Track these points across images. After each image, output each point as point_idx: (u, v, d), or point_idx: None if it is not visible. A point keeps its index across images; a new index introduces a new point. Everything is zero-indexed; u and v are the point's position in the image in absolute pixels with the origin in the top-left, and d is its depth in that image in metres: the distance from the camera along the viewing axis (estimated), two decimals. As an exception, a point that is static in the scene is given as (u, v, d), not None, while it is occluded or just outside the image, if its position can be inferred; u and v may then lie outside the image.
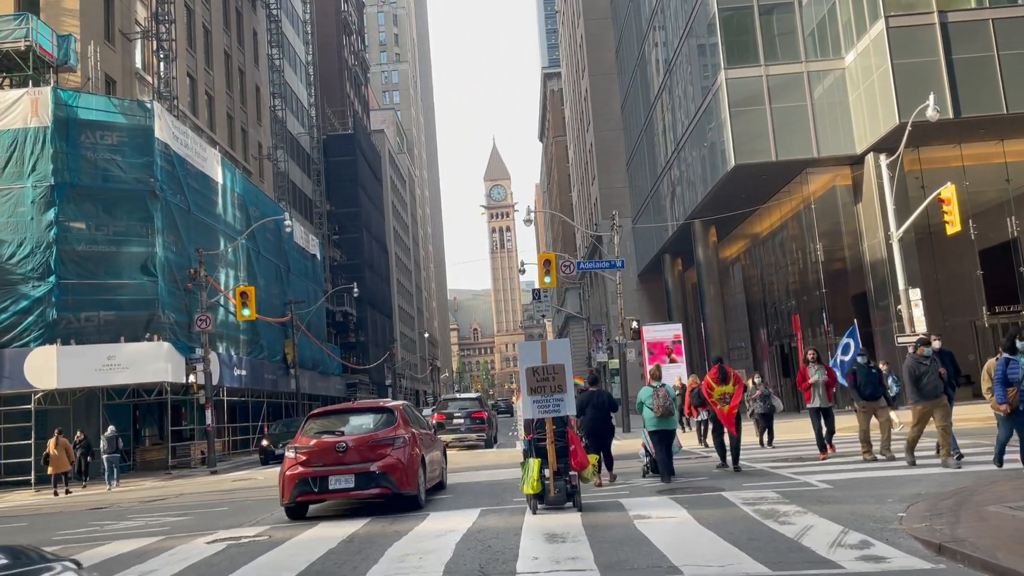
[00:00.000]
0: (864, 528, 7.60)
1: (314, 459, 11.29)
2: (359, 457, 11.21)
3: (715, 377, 13.53)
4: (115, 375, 26.69)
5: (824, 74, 33.03)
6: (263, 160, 51.06)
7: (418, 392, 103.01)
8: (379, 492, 11.17)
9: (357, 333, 69.42)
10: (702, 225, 40.99)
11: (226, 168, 35.74)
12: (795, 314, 37.40)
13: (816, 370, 14.60)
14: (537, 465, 9.86)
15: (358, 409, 13.33)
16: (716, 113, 34.31)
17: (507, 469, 16.36)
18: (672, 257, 49.97)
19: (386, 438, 11.50)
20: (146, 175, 28.45)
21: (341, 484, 11.16)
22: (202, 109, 41.51)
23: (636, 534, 8.05)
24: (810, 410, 14.51)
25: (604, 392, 13.31)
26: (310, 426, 12.12)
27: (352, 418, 12.49)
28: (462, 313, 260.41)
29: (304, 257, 48.52)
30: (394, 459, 11.27)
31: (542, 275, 29.15)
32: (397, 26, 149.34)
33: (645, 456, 13.54)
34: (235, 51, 47.77)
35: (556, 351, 10.44)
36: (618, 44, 58.82)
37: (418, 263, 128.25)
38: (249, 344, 37.05)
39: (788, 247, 38.77)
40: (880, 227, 31.30)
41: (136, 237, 28.16)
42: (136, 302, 27.81)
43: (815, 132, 32.59)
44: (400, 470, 11.22)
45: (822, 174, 34.05)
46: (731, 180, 34.09)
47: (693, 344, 48.49)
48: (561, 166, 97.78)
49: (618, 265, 29.45)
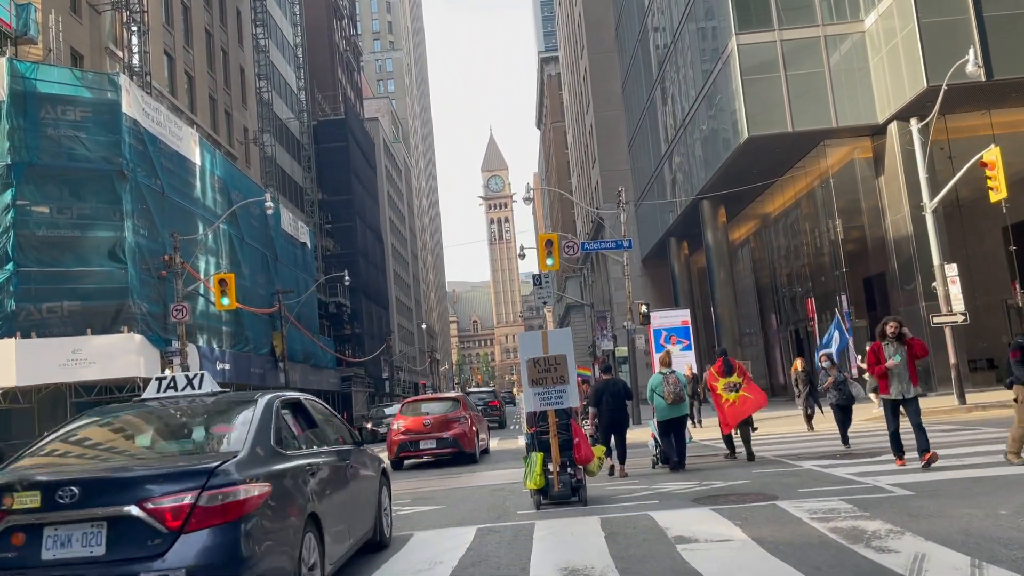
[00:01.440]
0: (999, 559, 5.51)
1: (410, 430, 17.85)
2: (438, 428, 17.67)
3: (719, 370, 13.42)
4: (81, 370, 24.57)
5: (842, 38, 30.84)
6: (249, 145, 48.83)
7: (416, 385, 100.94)
8: (451, 451, 17.55)
9: (352, 325, 67.24)
10: (711, 205, 38.84)
11: (205, 149, 33.54)
12: (809, 297, 35.31)
13: (896, 349, 10.43)
14: (540, 459, 9.71)
15: (435, 399, 20.63)
16: (727, 83, 32.13)
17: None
18: (678, 241, 47.85)
19: (454, 417, 18.00)
20: (113, 154, 26.25)
21: (427, 446, 17.71)
22: (181, 89, 39.27)
23: (686, 569, 5.95)
24: (885, 402, 10.65)
25: (619, 380, 13.15)
26: (404, 410, 19.00)
27: (432, 404, 19.17)
28: (461, 305, 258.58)
29: (293, 245, 46.36)
30: (460, 430, 17.68)
31: (543, 257, 27.00)
32: (391, 13, 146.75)
33: (655, 446, 13.33)
34: (217, 30, 45.48)
35: (558, 341, 10.26)
36: (618, 21, 56.55)
37: (415, 254, 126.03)
38: (233, 336, 34.93)
39: (802, 226, 36.64)
40: (904, 201, 29.20)
41: (103, 221, 25.98)
42: (104, 291, 25.66)
43: (833, 100, 30.42)
44: (464, 437, 17.63)
45: (840, 146, 31.89)
46: (743, 154, 31.92)
47: (701, 330, 46.48)
48: (560, 152, 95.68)
49: (625, 245, 27.31)
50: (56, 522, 4.41)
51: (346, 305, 63.71)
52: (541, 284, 37.14)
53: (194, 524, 4.40)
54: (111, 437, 5.87)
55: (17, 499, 4.44)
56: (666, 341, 34.98)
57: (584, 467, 9.93)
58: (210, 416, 5.89)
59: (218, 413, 5.89)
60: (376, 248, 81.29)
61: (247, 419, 5.49)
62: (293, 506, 5.15)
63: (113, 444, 5.80)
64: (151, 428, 5.89)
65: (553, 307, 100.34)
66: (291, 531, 5.02)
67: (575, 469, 9.78)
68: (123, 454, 5.68)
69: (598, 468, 10.39)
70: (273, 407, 5.81)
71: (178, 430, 5.86)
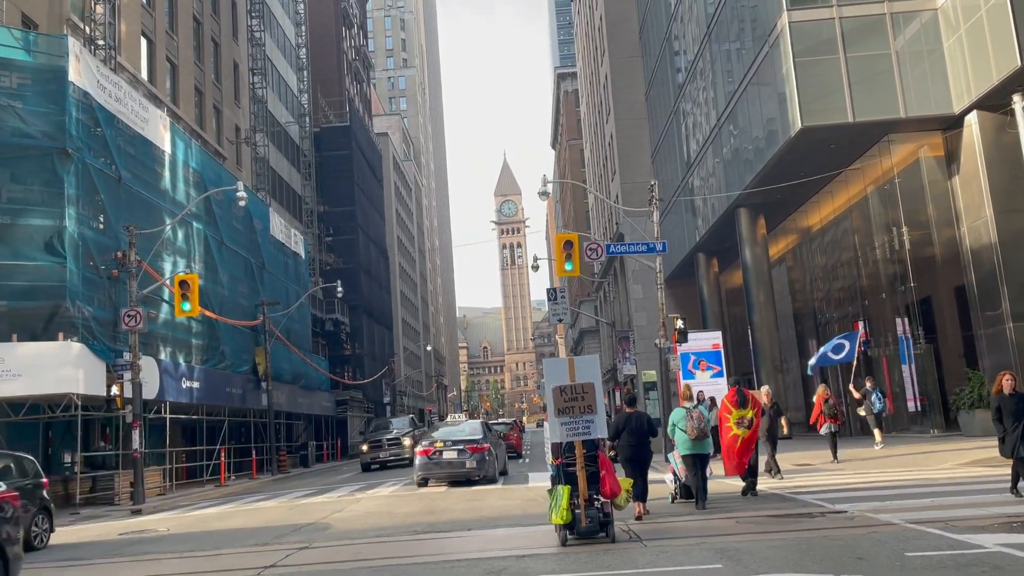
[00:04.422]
0: None
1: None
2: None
3: (733, 400, 13.19)
4: (1, 384, 20.33)
5: (910, 16, 26.66)
6: (240, 145, 44.99)
7: (422, 411, 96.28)
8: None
9: (353, 345, 62.93)
10: (749, 214, 34.54)
11: (178, 136, 29.57)
12: (857, 320, 30.82)
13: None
14: (567, 492, 9.44)
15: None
16: (775, 68, 27.95)
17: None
18: (707, 257, 43.47)
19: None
20: (56, 129, 22.24)
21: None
22: (161, 77, 35.47)
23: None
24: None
25: (643, 414, 12.27)
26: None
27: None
28: (472, 331, 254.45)
29: (284, 254, 42.27)
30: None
31: (561, 261, 22.71)
32: (405, 31, 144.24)
33: (674, 480, 13.09)
34: (207, 19, 41.83)
35: (585, 369, 10.04)
36: (642, 22, 52.70)
37: (424, 275, 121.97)
38: (205, 350, 30.67)
39: (850, 239, 32.24)
40: (987, 203, 24.80)
41: (40, 207, 21.92)
42: (35, 289, 21.53)
43: (901, 87, 26.15)
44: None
45: (905, 142, 27.58)
46: (793, 149, 27.64)
47: (731, 356, 41.97)
48: (576, 171, 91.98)
49: (658, 248, 23.01)
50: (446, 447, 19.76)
51: (344, 323, 59.46)
52: (556, 299, 32.91)
53: None
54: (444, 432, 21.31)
55: (436, 442, 20.27)
56: (695, 367, 30.74)
57: (611, 501, 9.66)
58: (467, 424, 23.42)
59: (468, 425, 22.75)
60: (381, 265, 77.20)
61: None
62: (491, 447, 20.92)
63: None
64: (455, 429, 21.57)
65: (566, 332, 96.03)
66: (493, 454, 20.81)
67: (603, 503, 9.52)
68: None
69: (626, 502, 10.22)
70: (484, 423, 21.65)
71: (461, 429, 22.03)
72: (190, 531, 14.69)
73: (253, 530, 14.02)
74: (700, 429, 11.94)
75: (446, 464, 19.88)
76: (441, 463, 19.91)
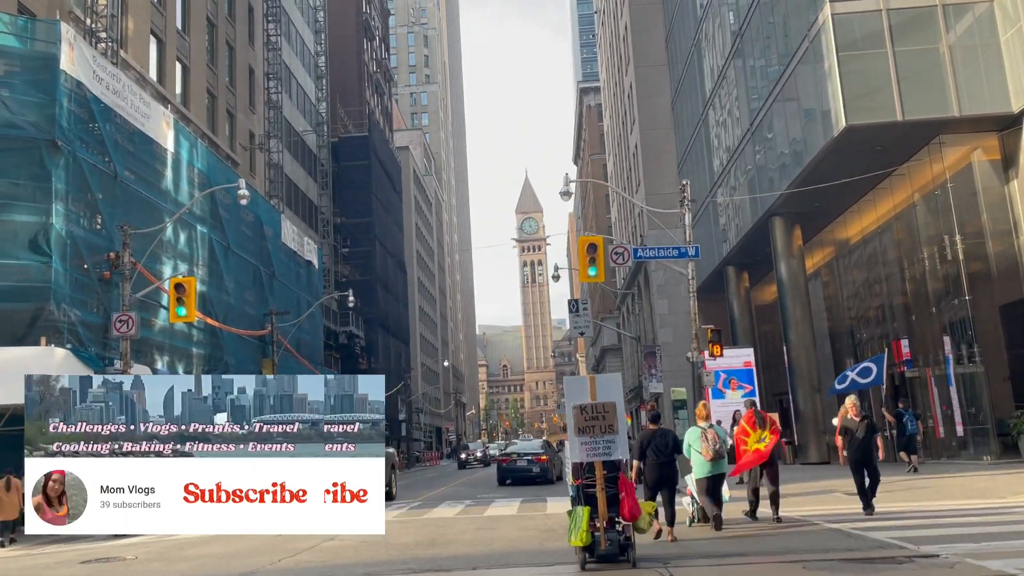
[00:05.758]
0: None
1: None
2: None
3: (751, 422, 12.75)
4: (-24, 392, 18.75)
5: (963, 8, 24.75)
6: (255, 151, 43.73)
7: (439, 430, 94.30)
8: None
9: (368, 359, 61.30)
10: (785, 223, 32.56)
11: (182, 135, 28.18)
12: (898, 340, 28.69)
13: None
14: (586, 514, 9.23)
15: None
16: (816, 63, 26.09)
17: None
18: (737, 270, 41.43)
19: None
20: (45, 119, 20.82)
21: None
22: (171, 78, 34.22)
23: None
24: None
25: (669, 432, 11.98)
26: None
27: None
28: (491, 349, 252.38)
29: (296, 262, 40.78)
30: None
31: (585, 266, 20.93)
32: (428, 47, 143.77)
33: (691, 504, 12.73)
34: (222, 22, 40.71)
35: (606, 387, 9.76)
36: (669, 28, 51.06)
37: (443, 291, 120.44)
38: (207, 360, 29.10)
39: (894, 251, 30.14)
40: (1051, 210, 22.75)
41: (24, 202, 20.47)
42: (16, 290, 20.02)
43: (955, 84, 24.17)
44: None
45: (958, 144, 25.56)
46: (835, 151, 25.71)
47: (761, 375, 39.74)
48: (598, 186, 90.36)
49: (690, 253, 21.11)
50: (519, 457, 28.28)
51: (359, 336, 57.87)
52: (578, 311, 31.10)
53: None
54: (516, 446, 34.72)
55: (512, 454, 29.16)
56: (725, 385, 28.79)
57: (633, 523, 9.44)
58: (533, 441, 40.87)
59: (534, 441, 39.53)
60: (399, 278, 75.70)
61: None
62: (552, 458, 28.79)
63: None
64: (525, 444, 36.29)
65: (587, 350, 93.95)
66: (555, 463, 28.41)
67: (624, 526, 9.36)
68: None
69: (648, 525, 9.94)
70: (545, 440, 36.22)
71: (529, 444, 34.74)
72: (160, 558, 12.95)
73: (230, 558, 12.25)
74: (716, 450, 11.72)
75: (519, 469, 27.63)
76: (515, 468, 27.74)
